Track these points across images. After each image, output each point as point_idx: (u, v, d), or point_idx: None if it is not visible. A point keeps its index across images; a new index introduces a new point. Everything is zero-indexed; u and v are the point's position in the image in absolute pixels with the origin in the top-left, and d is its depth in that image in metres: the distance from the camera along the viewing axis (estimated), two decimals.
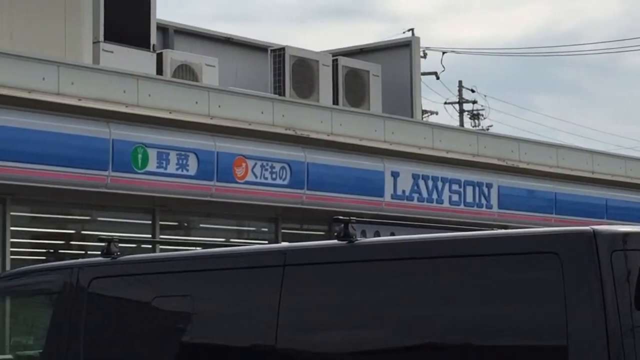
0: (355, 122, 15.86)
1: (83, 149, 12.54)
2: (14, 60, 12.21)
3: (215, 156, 13.80)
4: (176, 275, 7.40)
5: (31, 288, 8.64)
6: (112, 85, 13.03)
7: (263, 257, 7.19)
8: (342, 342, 6.61)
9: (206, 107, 13.92)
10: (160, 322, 7.38)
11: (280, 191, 14.51)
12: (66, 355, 7.50)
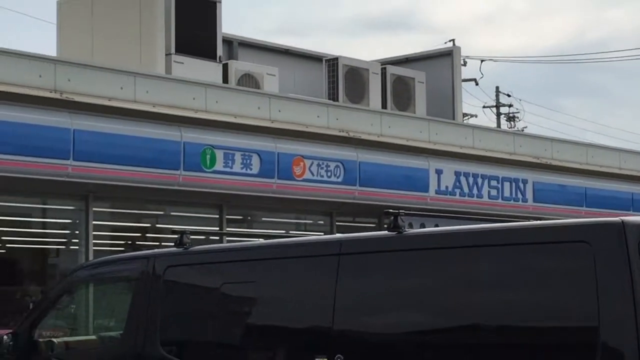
0: (402, 124, 15.83)
1: (157, 151, 12.62)
2: (96, 71, 12.31)
3: (276, 156, 13.83)
4: (242, 263, 7.43)
5: (112, 275, 8.70)
6: (183, 93, 13.09)
7: (321, 247, 7.19)
8: (391, 323, 6.60)
9: (267, 112, 13.95)
10: (228, 306, 7.41)
11: (335, 187, 14.51)
12: (144, 336, 7.54)
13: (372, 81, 17.13)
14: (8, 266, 14.01)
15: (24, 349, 8.16)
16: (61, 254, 14.07)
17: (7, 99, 11.27)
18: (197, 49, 14.91)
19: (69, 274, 9.02)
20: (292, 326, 7.05)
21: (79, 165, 11.81)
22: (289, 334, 7.07)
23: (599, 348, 5.53)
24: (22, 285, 13.85)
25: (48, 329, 8.70)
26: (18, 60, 11.54)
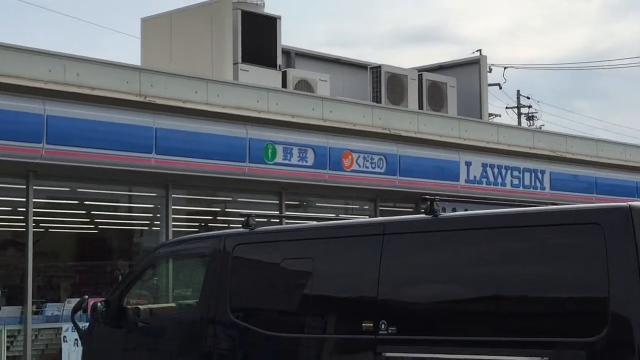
0: (436, 123, 15.75)
1: (226, 146, 12.65)
2: (174, 78, 12.36)
3: (327, 150, 13.81)
4: (300, 242, 7.45)
5: (189, 252, 8.75)
6: (248, 97, 13.10)
7: (367, 228, 7.20)
8: (427, 294, 6.60)
9: (320, 113, 13.94)
10: (287, 278, 7.44)
11: (378, 177, 14.47)
12: (216, 304, 7.58)
13: (410, 86, 17.07)
14: (100, 244, 14.15)
15: (115, 315, 8.23)
16: (144, 234, 14.17)
17: (100, 102, 11.37)
18: (260, 59, 14.94)
19: (152, 250, 9.07)
20: (342, 296, 7.06)
21: (160, 158, 11.87)
22: (339, 303, 7.08)
23: (609, 316, 5.51)
24: (112, 260, 13.97)
25: (134, 298, 8.79)
26: (108, 69, 11.62)
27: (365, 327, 6.56)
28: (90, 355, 8.49)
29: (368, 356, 6.53)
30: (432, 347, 6.32)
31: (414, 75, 17.37)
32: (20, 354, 11.42)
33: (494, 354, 6.09)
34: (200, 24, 14.88)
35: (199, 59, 14.63)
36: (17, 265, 11.99)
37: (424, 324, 6.45)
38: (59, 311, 11.84)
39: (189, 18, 15.14)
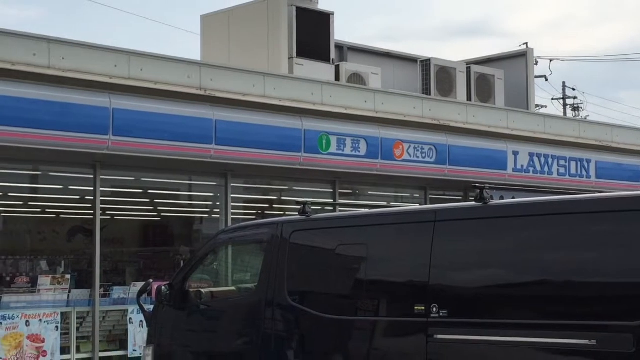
0: (484, 114, 15.63)
1: (282, 137, 12.67)
2: (233, 72, 12.42)
3: (379, 141, 13.78)
4: (354, 228, 7.47)
5: (247, 238, 8.81)
6: (303, 90, 13.12)
7: (419, 215, 7.20)
8: (477, 279, 6.58)
9: (372, 105, 13.91)
10: (342, 263, 7.45)
11: (428, 166, 14.41)
12: (274, 287, 7.63)
13: (458, 78, 16.97)
14: (163, 231, 14.30)
15: (178, 298, 8.33)
16: (205, 221, 14.26)
17: (162, 95, 11.46)
18: (314, 53, 14.95)
19: (213, 237, 9.14)
20: (395, 280, 7.07)
21: (219, 149, 11.93)
22: (392, 287, 7.10)
23: None
24: (174, 246, 14.09)
25: (196, 281, 8.87)
26: (171, 64, 11.71)
27: (417, 310, 6.57)
28: (155, 335, 8.59)
29: (420, 338, 6.54)
30: (482, 330, 6.31)
31: (463, 67, 17.26)
32: (89, 334, 11.58)
33: (542, 337, 6.08)
34: (257, 20, 14.94)
35: (256, 54, 14.68)
36: (85, 251, 12.16)
37: (474, 308, 6.44)
38: (125, 294, 11.97)
39: (246, 15, 15.20)
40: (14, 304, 11.02)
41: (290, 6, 14.72)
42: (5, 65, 10.12)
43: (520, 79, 18.73)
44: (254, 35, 14.89)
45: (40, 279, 11.44)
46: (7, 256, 12.01)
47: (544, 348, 6.06)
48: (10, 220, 12.69)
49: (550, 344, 6.03)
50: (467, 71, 17.34)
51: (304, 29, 14.86)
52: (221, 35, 15.42)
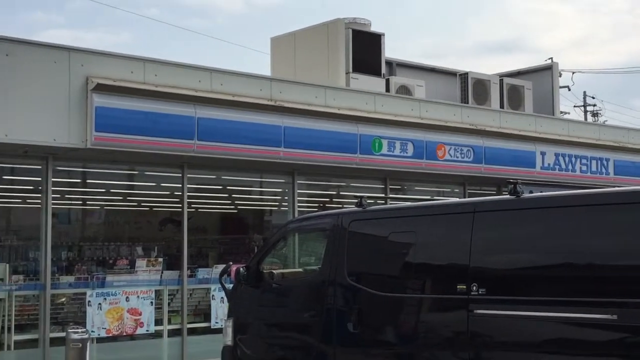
0: (515, 119, 15.46)
1: (341, 140, 12.62)
2: (298, 85, 12.46)
3: (424, 143, 13.70)
4: (405, 218, 7.44)
5: (312, 227, 8.83)
6: (359, 100, 13.11)
7: (461, 207, 7.16)
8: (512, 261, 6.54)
9: (418, 112, 13.85)
10: (394, 248, 7.44)
11: (467, 165, 14.29)
12: (335, 268, 7.64)
13: (492, 89, 16.80)
14: (239, 221, 14.37)
15: (254, 278, 8.38)
16: (274, 213, 14.31)
17: (239, 106, 11.52)
18: (368, 69, 14.93)
19: (283, 226, 9.17)
20: (439, 263, 7.04)
21: (287, 151, 11.97)
22: (437, 269, 7.07)
23: None
24: (248, 234, 14.15)
25: (268, 264, 8.91)
26: (246, 79, 11.78)
27: (460, 289, 6.54)
28: (235, 309, 8.66)
29: (462, 313, 6.51)
30: (516, 306, 6.27)
31: (496, 80, 17.09)
32: (178, 308, 11.71)
33: (569, 312, 6.01)
34: (319, 41, 14.96)
35: (318, 70, 14.70)
36: (174, 238, 12.27)
37: (509, 286, 6.39)
38: (208, 275, 12.08)
39: (309, 36, 15.23)
40: (116, 282, 11.20)
41: (347, 29, 14.73)
42: (107, 82, 10.27)
43: (547, 89, 18.49)
44: (316, 54, 14.91)
45: (137, 261, 11.60)
46: (110, 242, 12.18)
47: (570, 322, 6.00)
48: (111, 213, 12.88)
49: (576, 318, 5.97)
50: (500, 83, 17.16)
51: (359, 48, 14.84)
52: (288, 53, 15.47)
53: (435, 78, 17.69)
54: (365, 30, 15.08)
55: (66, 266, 11.22)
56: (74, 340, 9.58)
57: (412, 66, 17.72)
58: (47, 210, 10.42)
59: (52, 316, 10.41)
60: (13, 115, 9.62)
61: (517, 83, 17.58)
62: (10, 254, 11.03)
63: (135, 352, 11.26)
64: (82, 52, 10.29)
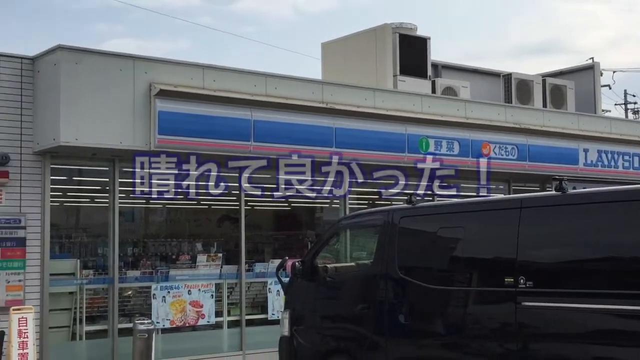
0: (558, 118, 15.26)
1: (389, 140, 12.54)
2: (348, 88, 12.47)
3: (469, 142, 13.59)
4: (453, 214, 7.45)
5: (364, 223, 8.88)
6: (406, 101, 13.07)
7: (508, 203, 7.14)
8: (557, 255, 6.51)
9: (463, 112, 13.77)
10: (443, 242, 7.44)
11: (511, 163, 14.14)
12: (387, 262, 7.68)
13: (535, 89, 16.60)
14: (293, 218, 14.43)
15: (308, 272, 8.46)
16: (325, 210, 14.30)
17: (292, 108, 11.57)
18: (414, 71, 14.86)
19: (335, 222, 9.23)
20: (487, 257, 7.03)
21: (338, 151, 11.95)
22: (485, 263, 7.06)
23: None
24: (301, 230, 14.20)
25: (322, 259, 8.97)
26: (298, 83, 11.85)
27: (507, 282, 6.53)
28: (291, 302, 8.75)
29: (510, 305, 6.50)
30: (562, 298, 6.24)
31: (539, 80, 16.89)
32: (237, 300, 11.83)
33: (614, 304, 5.97)
34: (367, 45, 14.97)
35: (367, 73, 14.71)
36: (232, 234, 12.38)
37: (555, 279, 6.37)
38: (265, 269, 12.18)
39: (358, 41, 15.25)
40: (179, 276, 11.35)
41: (394, 33, 14.71)
42: (169, 88, 10.43)
43: (588, 88, 18.22)
44: (364, 58, 14.92)
45: (198, 257, 11.75)
46: (172, 239, 12.35)
47: (612, 313, 5.97)
48: (173, 211, 13.06)
49: (620, 310, 5.93)
50: (543, 83, 16.96)
51: (405, 51, 14.80)
52: (338, 58, 15.51)
53: (479, 79, 17.55)
54: (411, 35, 15.04)
55: (132, 261, 11.42)
56: (141, 331, 9.77)
57: (457, 68, 17.60)
58: (115, 209, 10.63)
59: (119, 308, 10.61)
60: (82, 120, 9.84)
61: (560, 83, 17.36)
62: (81, 250, 11.27)
63: (197, 342, 11.42)
64: (146, 60, 10.47)
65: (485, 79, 17.74)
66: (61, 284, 10.43)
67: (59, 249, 10.91)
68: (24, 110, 10.09)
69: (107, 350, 10.49)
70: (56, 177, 10.35)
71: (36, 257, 9.95)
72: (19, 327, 9.06)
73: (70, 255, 11.03)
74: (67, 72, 9.78)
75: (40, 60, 10.12)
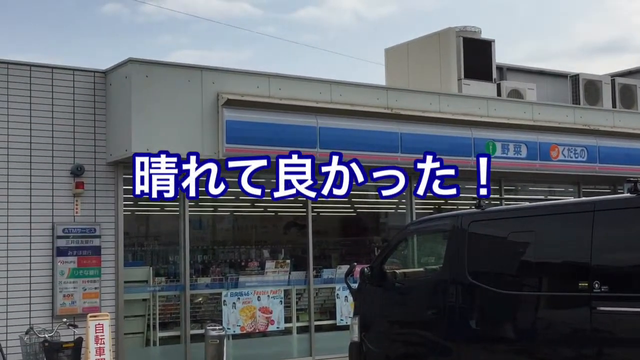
0: (628, 118, 14.90)
1: (455, 145, 12.40)
2: (413, 94, 12.42)
3: (537, 145, 13.40)
4: (523, 218, 7.32)
5: (433, 228, 8.80)
6: (471, 105, 12.96)
7: (580, 206, 6.99)
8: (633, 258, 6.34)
9: (530, 115, 13.57)
10: (513, 247, 7.33)
11: (581, 165, 13.88)
12: (456, 267, 7.60)
13: (604, 89, 16.24)
14: (359, 225, 14.41)
15: (377, 277, 8.43)
16: (390, 216, 14.25)
17: (357, 115, 11.59)
18: (479, 74, 14.73)
19: (404, 228, 9.18)
20: (559, 261, 6.90)
21: (404, 156, 11.87)
22: (557, 266, 6.92)
23: None
24: (367, 236, 14.16)
25: (390, 264, 8.94)
26: (363, 89, 11.85)
27: (581, 287, 6.39)
28: (360, 307, 8.73)
29: (584, 310, 6.36)
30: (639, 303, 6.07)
31: (607, 80, 16.52)
32: (305, 306, 11.88)
33: None
34: (431, 50, 14.89)
35: (431, 77, 14.63)
36: (299, 241, 12.42)
37: (632, 283, 6.20)
38: (332, 275, 12.20)
39: (422, 46, 15.18)
40: (248, 283, 11.46)
41: (458, 37, 14.60)
42: (236, 97, 10.57)
43: None
44: (428, 62, 14.85)
45: (267, 263, 11.83)
46: (240, 246, 12.47)
47: None
48: (240, 219, 13.18)
49: None
50: (612, 83, 16.59)
51: (470, 55, 14.68)
52: (401, 63, 15.46)
53: (545, 81, 17.28)
54: (475, 38, 14.91)
55: (202, 268, 11.58)
56: (212, 337, 9.90)
57: (522, 70, 17.37)
58: (185, 217, 10.80)
59: (191, 314, 10.76)
60: (152, 130, 10.03)
61: (629, 82, 16.94)
62: (153, 258, 11.48)
63: (267, 348, 11.50)
64: (213, 70, 10.62)
65: (551, 80, 17.46)
66: (135, 291, 10.64)
67: (132, 257, 11.13)
68: (97, 122, 10.35)
69: (180, 356, 10.66)
70: (128, 186, 10.56)
71: (111, 265, 10.18)
72: (95, 333, 9.29)
73: (143, 263, 11.25)
74: (138, 84, 10.00)
75: (112, 74, 10.36)
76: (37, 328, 9.04)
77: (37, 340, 8.87)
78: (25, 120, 9.93)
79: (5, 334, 9.16)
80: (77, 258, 9.90)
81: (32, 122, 9.97)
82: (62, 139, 10.10)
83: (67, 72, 10.23)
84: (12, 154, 9.81)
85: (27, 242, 9.75)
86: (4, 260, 9.59)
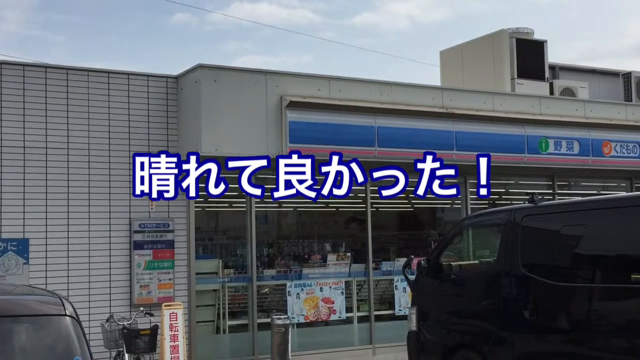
0: None
1: (509, 142, 12.28)
2: (467, 93, 12.32)
3: (590, 141, 13.16)
4: (576, 212, 7.23)
5: (487, 222, 8.75)
6: (524, 104, 12.79)
7: (632, 200, 6.87)
8: None
9: (582, 112, 13.33)
10: (566, 240, 7.25)
11: (633, 160, 13.57)
12: (510, 260, 7.55)
13: None
14: (415, 219, 14.39)
15: (434, 269, 8.43)
16: (446, 210, 14.17)
17: (413, 114, 11.56)
18: (532, 74, 14.56)
19: (459, 222, 9.14)
20: (612, 254, 6.80)
21: (459, 154, 11.83)
22: (609, 259, 6.82)
23: None
24: (423, 230, 14.14)
25: (445, 257, 8.91)
26: (419, 90, 11.82)
27: (634, 278, 6.28)
28: (417, 298, 8.74)
29: (637, 301, 6.25)
30: None
31: None
32: (365, 297, 11.92)
33: None
34: (485, 51, 14.76)
35: (484, 77, 14.51)
36: (358, 235, 12.46)
37: None
38: (391, 267, 12.21)
39: (476, 47, 15.06)
40: (311, 275, 11.55)
41: (511, 38, 14.45)
42: (298, 99, 10.65)
43: None
44: (482, 63, 14.72)
45: (328, 256, 11.91)
46: (304, 240, 12.56)
47: None
48: (304, 214, 13.28)
49: None
50: None
51: (523, 55, 14.51)
52: (456, 64, 15.37)
53: (597, 79, 16.92)
54: (528, 39, 14.72)
55: (268, 261, 11.71)
56: (278, 325, 10.01)
57: (574, 69, 17.03)
58: (251, 213, 10.94)
59: (258, 304, 10.90)
60: (221, 131, 10.20)
61: None
62: (222, 251, 11.65)
63: (329, 336, 11.58)
64: (276, 74, 10.73)
65: (603, 78, 17.09)
66: (206, 282, 10.83)
67: (203, 250, 11.33)
68: (170, 125, 10.57)
69: (248, 343, 10.82)
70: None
71: (183, 257, 10.39)
72: (170, 321, 9.49)
73: (213, 256, 11.43)
74: (207, 89, 10.17)
75: (183, 79, 10.57)
76: (116, 316, 9.30)
77: (116, 327, 9.12)
78: (104, 124, 10.20)
79: (88, 322, 9.44)
80: (153, 251, 10.13)
81: (110, 124, 10.23)
82: (137, 140, 10.34)
83: (142, 78, 10.47)
84: (92, 155, 10.09)
85: (106, 237, 10.02)
86: (86, 254, 9.87)
